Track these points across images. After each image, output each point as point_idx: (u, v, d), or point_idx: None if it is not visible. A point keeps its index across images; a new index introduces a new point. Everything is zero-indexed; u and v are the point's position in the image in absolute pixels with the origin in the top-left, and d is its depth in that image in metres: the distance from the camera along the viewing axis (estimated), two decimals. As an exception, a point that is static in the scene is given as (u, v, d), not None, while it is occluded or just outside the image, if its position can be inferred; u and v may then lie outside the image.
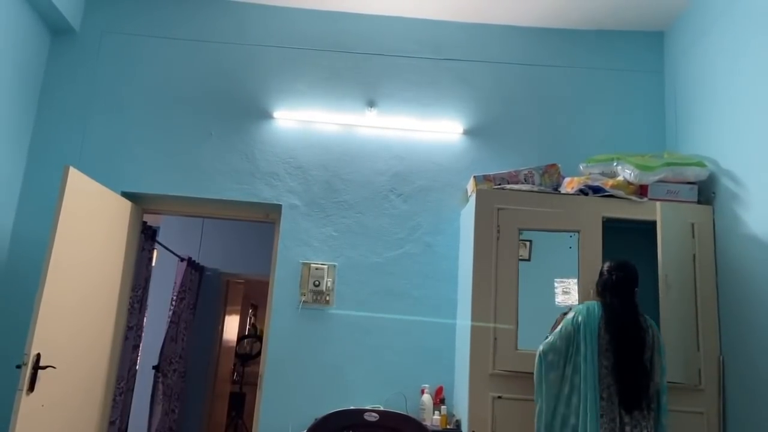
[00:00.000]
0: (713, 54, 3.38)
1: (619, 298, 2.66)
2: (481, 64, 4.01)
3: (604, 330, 2.60)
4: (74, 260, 3.18)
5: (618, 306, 2.64)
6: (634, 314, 2.64)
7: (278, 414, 3.48)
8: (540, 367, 2.70)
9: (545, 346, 2.71)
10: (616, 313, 2.62)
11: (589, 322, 2.63)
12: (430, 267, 3.72)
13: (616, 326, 2.59)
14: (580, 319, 2.65)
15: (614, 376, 2.54)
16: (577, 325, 2.65)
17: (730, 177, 3.13)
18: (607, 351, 2.57)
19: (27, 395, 2.84)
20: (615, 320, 2.61)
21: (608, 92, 3.97)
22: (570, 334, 2.65)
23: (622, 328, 2.59)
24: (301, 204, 3.80)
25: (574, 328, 2.65)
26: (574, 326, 2.65)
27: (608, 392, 2.53)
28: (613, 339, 2.57)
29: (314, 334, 3.61)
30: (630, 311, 2.64)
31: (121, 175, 3.76)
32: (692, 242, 3.16)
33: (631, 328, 2.60)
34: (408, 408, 3.41)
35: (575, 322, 2.66)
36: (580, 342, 2.62)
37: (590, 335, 2.60)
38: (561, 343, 2.66)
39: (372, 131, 3.91)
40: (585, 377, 2.56)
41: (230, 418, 6.96)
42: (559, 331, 2.70)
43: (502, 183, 3.41)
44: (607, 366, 2.56)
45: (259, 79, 3.95)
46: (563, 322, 2.72)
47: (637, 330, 2.60)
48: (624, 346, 2.56)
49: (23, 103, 3.71)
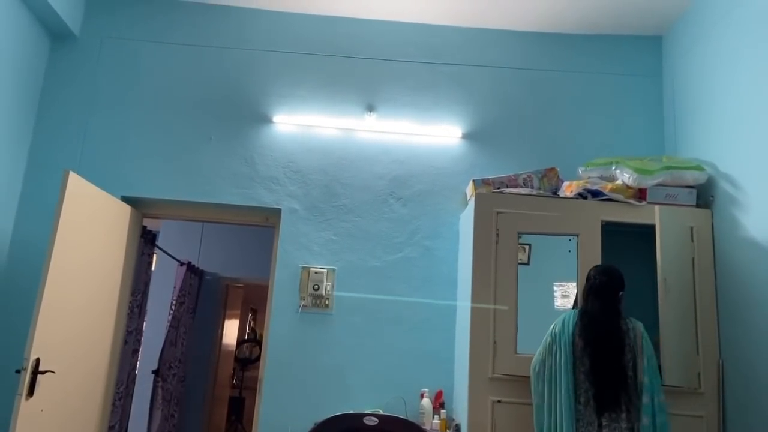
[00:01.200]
0: (711, 58, 3.40)
1: (600, 302, 2.69)
2: (480, 69, 4.02)
3: (578, 336, 2.66)
4: (74, 265, 3.18)
5: (596, 310, 2.68)
6: (613, 317, 2.66)
7: (278, 418, 3.47)
8: (531, 381, 2.78)
9: (534, 360, 2.80)
10: (591, 318, 2.67)
11: (563, 330, 2.70)
12: (429, 271, 3.72)
13: (591, 330, 2.64)
14: (557, 329, 2.73)
15: (590, 379, 2.57)
16: (554, 336, 2.72)
17: (728, 181, 3.14)
18: (582, 357, 2.62)
19: (26, 400, 2.83)
20: (590, 325, 2.66)
21: (607, 96, 3.98)
22: (549, 345, 2.73)
23: (597, 332, 2.63)
24: (300, 208, 3.81)
25: (552, 338, 2.73)
26: (552, 336, 2.74)
27: (585, 397, 2.58)
28: (588, 344, 2.62)
29: (314, 338, 3.61)
30: (608, 315, 2.67)
31: (120, 180, 3.76)
32: (691, 246, 3.16)
33: (605, 332, 2.63)
34: (408, 412, 3.40)
35: (552, 333, 2.74)
36: (556, 351, 2.69)
37: (564, 343, 2.66)
38: (544, 353, 2.74)
39: (371, 135, 3.92)
40: (559, 385, 2.62)
41: (230, 422, 6.95)
42: (542, 342, 2.78)
43: (501, 187, 3.41)
44: (584, 371, 2.61)
45: (258, 84, 3.96)
46: (547, 333, 2.79)
47: (614, 332, 2.62)
48: (598, 349, 2.60)
49: (23, 107, 3.72)
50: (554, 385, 2.65)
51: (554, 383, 2.65)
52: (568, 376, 2.60)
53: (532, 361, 2.78)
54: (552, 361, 2.69)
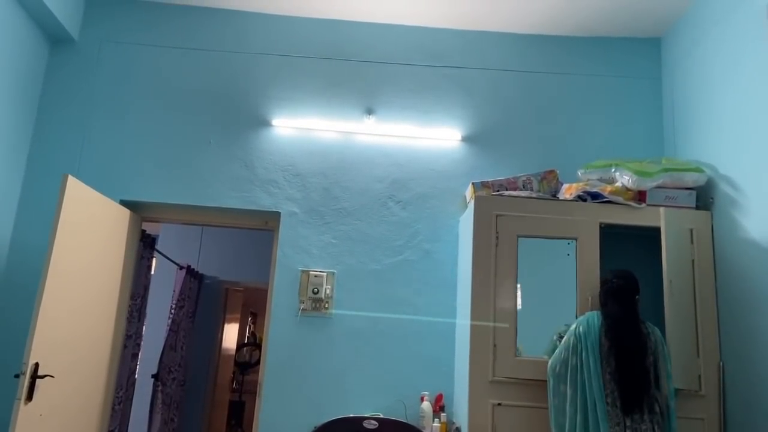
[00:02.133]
0: (711, 60, 3.40)
1: (620, 305, 2.73)
2: (479, 72, 4.02)
3: (604, 337, 2.66)
4: (73, 269, 3.17)
5: (618, 313, 2.71)
6: (635, 321, 2.70)
7: (278, 422, 3.46)
8: (550, 381, 2.76)
9: (553, 360, 2.78)
10: (616, 320, 2.69)
11: (589, 331, 2.70)
12: (429, 274, 3.72)
13: (616, 332, 2.65)
14: (581, 329, 2.73)
15: (615, 380, 2.57)
16: (579, 336, 2.71)
17: (728, 182, 3.13)
18: (608, 358, 2.62)
19: (25, 404, 2.82)
20: (615, 327, 2.67)
21: (606, 98, 3.99)
22: (573, 345, 2.72)
23: (622, 333, 2.65)
24: (299, 211, 3.80)
25: (576, 338, 2.72)
26: (576, 336, 2.73)
27: (612, 398, 2.58)
28: (613, 345, 2.63)
29: (313, 341, 3.61)
30: (630, 318, 2.70)
31: (119, 184, 3.76)
32: (691, 248, 3.16)
33: (630, 334, 2.65)
34: (408, 415, 3.39)
35: (577, 333, 2.73)
36: (581, 351, 2.68)
37: (591, 344, 2.66)
38: (566, 354, 2.73)
39: (370, 138, 3.92)
40: (590, 385, 2.62)
41: (230, 426, 6.93)
42: (564, 343, 2.77)
43: (501, 189, 3.41)
44: (610, 372, 2.61)
45: (257, 87, 3.96)
46: (567, 335, 2.79)
47: (638, 335, 2.64)
48: (624, 351, 2.61)
49: (22, 111, 3.72)
50: (581, 385, 2.64)
51: (581, 383, 2.64)
52: (599, 375, 2.61)
53: (551, 362, 2.78)
54: (577, 361, 2.68)
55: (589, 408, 2.59)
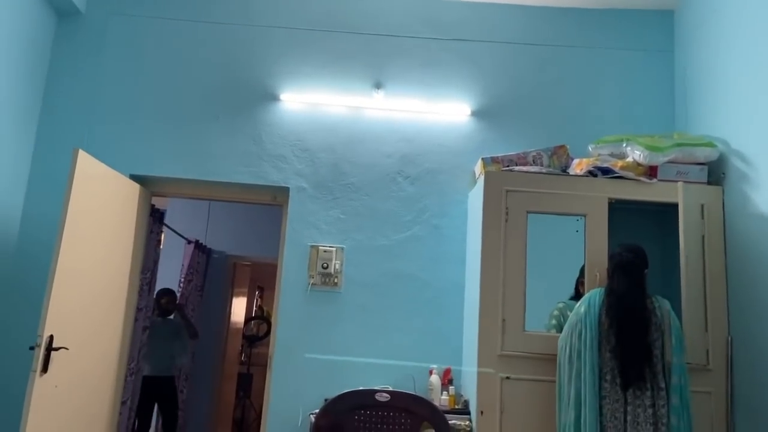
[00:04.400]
0: (724, 32, 3.34)
1: (627, 279, 2.72)
2: (489, 45, 3.97)
3: (604, 315, 2.67)
4: (84, 243, 3.19)
5: (623, 288, 2.70)
6: (639, 296, 2.70)
7: (288, 395, 3.51)
8: (558, 359, 2.79)
9: (561, 338, 2.81)
10: (618, 296, 2.69)
11: (589, 310, 2.72)
12: (437, 249, 3.73)
13: (617, 308, 2.66)
14: (582, 309, 2.75)
15: (615, 356, 2.59)
16: (580, 315, 2.74)
17: (740, 157, 3.11)
18: (608, 335, 2.64)
19: (40, 376, 2.87)
20: (616, 303, 2.68)
21: (617, 72, 3.94)
22: (574, 324, 2.75)
23: (623, 309, 2.66)
24: (308, 186, 3.80)
25: (577, 317, 2.75)
26: (577, 316, 2.75)
27: (611, 374, 2.61)
28: (614, 321, 2.64)
29: (323, 316, 3.64)
30: (634, 292, 2.70)
31: (128, 158, 3.76)
32: (701, 223, 3.14)
33: (632, 310, 2.65)
34: (416, 389, 3.43)
35: (578, 312, 2.76)
36: (581, 330, 2.71)
37: (590, 323, 2.69)
38: (568, 332, 2.77)
39: (379, 113, 3.89)
40: (584, 362, 2.64)
41: (238, 398, 7.04)
42: (568, 322, 2.80)
43: (511, 165, 3.39)
44: (609, 349, 2.62)
45: (265, 61, 3.93)
46: (572, 313, 2.81)
47: (641, 311, 2.65)
48: (624, 326, 2.62)
49: (31, 85, 3.71)
50: (579, 362, 2.66)
51: (579, 361, 2.67)
52: (593, 353, 2.63)
53: (559, 340, 2.81)
54: (577, 340, 2.70)
55: (588, 385, 2.60)
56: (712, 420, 2.93)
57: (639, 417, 2.53)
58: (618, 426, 2.53)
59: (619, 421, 2.53)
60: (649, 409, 2.54)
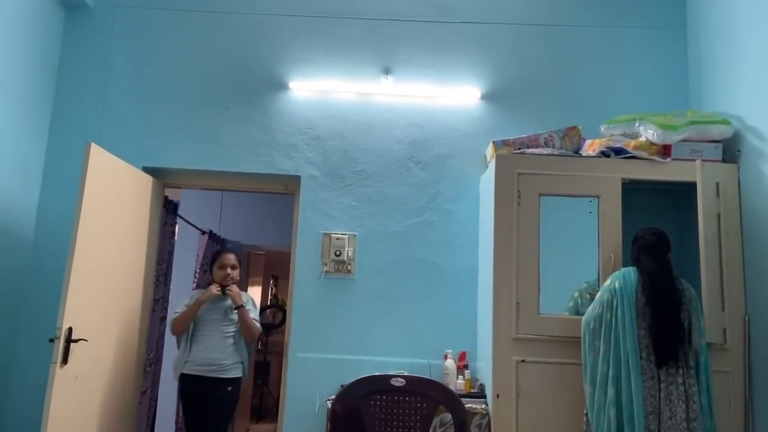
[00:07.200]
0: (738, 7, 3.28)
1: (654, 261, 2.71)
2: (498, 27, 3.93)
3: (641, 293, 2.65)
4: (100, 235, 3.23)
5: (653, 268, 2.69)
6: (669, 276, 2.69)
7: (305, 382, 3.54)
8: (585, 337, 2.76)
9: (587, 316, 2.78)
10: (652, 275, 2.67)
11: (626, 287, 2.68)
12: (450, 234, 3.72)
13: (652, 287, 2.64)
14: (617, 285, 2.71)
15: (651, 334, 2.58)
16: (614, 291, 2.70)
17: (755, 134, 3.06)
18: (644, 312, 2.62)
19: (61, 368, 2.92)
20: (651, 282, 2.66)
21: (629, 50, 3.88)
22: (608, 301, 2.71)
23: (658, 288, 2.64)
24: (319, 174, 3.80)
25: (611, 294, 2.71)
26: (611, 292, 2.71)
27: (647, 352, 2.60)
28: (650, 300, 2.63)
29: (337, 302, 3.65)
30: (665, 273, 2.68)
31: (140, 150, 3.78)
32: (717, 202, 3.10)
33: (666, 289, 2.64)
34: (431, 373, 3.44)
35: (612, 289, 2.72)
36: (617, 307, 2.67)
37: (628, 299, 2.65)
38: (601, 310, 2.72)
39: (389, 99, 3.87)
40: (625, 339, 2.62)
41: (256, 385, 7.12)
42: (599, 299, 2.76)
43: (522, 147, 3.37)
44: (645, 327, 2.61)
45: (273, 49, 3.92)
46: (601, 290, 2.78)
47: (673, 291, 2.64)
48: (660, 305, 2.61)
49: (42, 79, 3.74)
50: (614, 340, 2.64)
51: (614, 338, 2.64)
52: (633, 330, 2.61)
53: (585, 318, 2.78)
54: (612, 317, 2.67)
55: (622, 362, 2.59)
56: (730, 399, 2.91)
57: (672, 395, 2.53)
58: (654, 403, 2.53)
59: (655, 398, 2.54)
60: (681, 387, 2.54)
